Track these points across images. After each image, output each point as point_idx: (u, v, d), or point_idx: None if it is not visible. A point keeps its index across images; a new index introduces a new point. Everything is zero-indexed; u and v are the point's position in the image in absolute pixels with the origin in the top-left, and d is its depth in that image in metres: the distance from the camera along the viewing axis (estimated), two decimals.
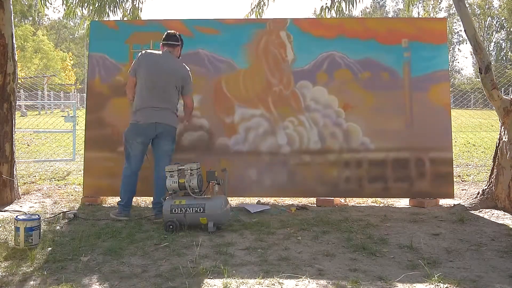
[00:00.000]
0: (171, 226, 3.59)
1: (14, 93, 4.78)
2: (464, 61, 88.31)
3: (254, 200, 4.81)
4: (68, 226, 3.84)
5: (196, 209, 3.62)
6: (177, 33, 4.29)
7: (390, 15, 57.47)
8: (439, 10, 51.69)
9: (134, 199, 4.76)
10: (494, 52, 49.30)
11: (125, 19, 6.15)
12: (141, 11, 6.30)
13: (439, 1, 50.85)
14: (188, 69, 4.27)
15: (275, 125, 4.78)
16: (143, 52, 4.20)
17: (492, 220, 4.00)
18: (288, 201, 4.85)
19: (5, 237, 3.45)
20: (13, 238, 3.28)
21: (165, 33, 4.26)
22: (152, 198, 4.20)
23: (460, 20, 4.65)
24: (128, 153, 4.12)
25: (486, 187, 4.51)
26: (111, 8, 5.97)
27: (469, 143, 10.28)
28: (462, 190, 5.41)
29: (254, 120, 4.78)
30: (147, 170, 4.74)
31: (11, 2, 4.76)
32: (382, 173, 4.69)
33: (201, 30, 4.91)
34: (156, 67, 4.09)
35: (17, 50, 5.01)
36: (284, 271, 2.77)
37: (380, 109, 4.73)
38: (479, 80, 4.60)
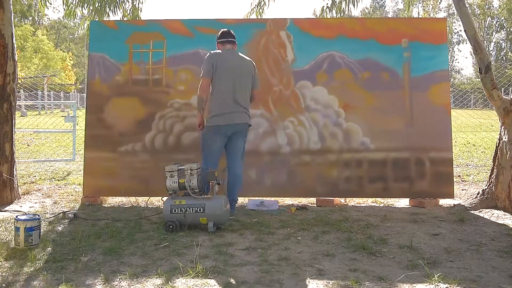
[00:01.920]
0: (171, 226, 3.59)
1: (14, 93, 4.78)
2: (464, 61, 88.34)
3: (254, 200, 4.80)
4: (68, 226, 3.84)
5: (196, 209, 3.62)
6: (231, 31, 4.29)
7: (389, 15, 57.46)
8: (439, 10, 51.70)
9: (134, 199, 4.78)
10: (494, 52, 49.29)
11: (125, 19, 6.16)
12: (141, 11, 6.31)
13: (439, 1, 50.85)
14: (254, 63, 4.28)
15: (275, 125, 4.78)
16: (212, 54, 4.10)
17: (492, 220, 4.00)
18: (288, 201, 4.85)
19: (5, 237, 3.46)
20: (13, 238, 3.28)
21: (220, 31, 4.25)
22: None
23: (460, 20, 4.65)
24: (207, 153, 4.14)
25: (486, 187, 4.51)
26: (111, 8, 5.97)
27: (469, 143, 10.28)
28: (462, 190, 5.41)
29: (254, 120, 4.78)
30: (146, 171, 4.75)
31: (11, 2, 4.76)
32: (382, 173, 4.69)
33: (201, 30, 4.91)
34: (233, 68, 4.08)
35: (17, 50, 5.01)
36: (284, 271, 2.77)
37: (380, 109, 4.73)
38: (479, 80, 4.60)
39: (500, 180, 4.34)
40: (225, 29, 4.28)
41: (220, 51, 4.20)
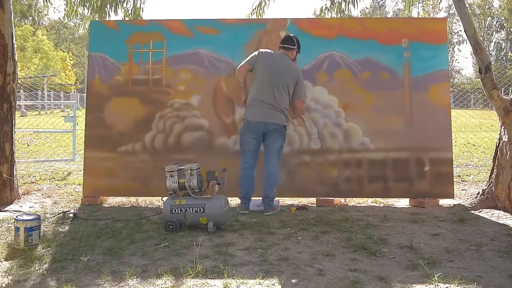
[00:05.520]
0: (171, 226, 3.59)
1: (14, 93, 4.78)
2: (464, 61, 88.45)
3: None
4: (68, 226, 3.84)
5: (196, 209, 3.62)
6: (295, 36, 4.44)
7: (389, 15, 57.46)
8: (439, 10, 51.70)
9: (134, 199, 4.78)
10: (494, 52, 49.30)
11: (127, 19, 6.15)
12: (142, 11, 6.30)
13: (439, 1, 50.84)
14: (300, 71, 4.43)
15: None
16: (261, 50, 4.36)
17: (492, 220, 4.00)
18: (288, 201, 4.85)
19: (5, 237, 3.46)
20: (13, 238, 3.28)
21: (284, 35, 4.47)
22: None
23: (460, 20, 4.65)
24: (243, 149, 4.36)
25: (486, 187, 4.51)
26: (113, 8, 5.95)
27: (469, 143, 10.28)
28: (462, 190, 5.41)
29: None
30: (146, 171, 4.75)
31: (11, 2, 4.76)
32: (382, 173, 4.69)
33: (201, 30, 4.91)
34: (272, 65, 4.29)
35: (17, 50, 5.00)
36: (284, 271, 2.78)
37: (380, 109, 4.73)
38: (479, 80, 4.60)
39: (500, 180, 4.34)
40: (287, 35, 4.48)
41: (268, 50, 4.42)
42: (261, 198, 4.62)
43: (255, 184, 4.36)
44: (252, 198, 4.38)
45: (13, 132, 4.79)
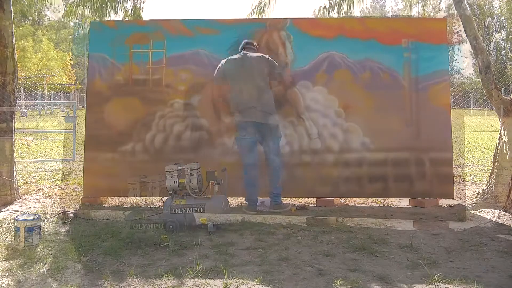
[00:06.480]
0: (171, 226, 3.59)
1: (14, 93, 4.78)
2: (464, 61, 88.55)
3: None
4: (68, 226, 3.84)
5: (196, 209, 3.62)
6: (251, 42, 4.54)
7: (389, 16, 57.40)
8: (439, 10, 51.68)
9: (134, 199, 4.77)
10: (494, 52, 49.25)
11: (127, 19, 6.15)
12: (142, 11, 6.30)
13: (439, 1, 50.80)
14: (268, 57, 4.46)
15: None
16: (224, 61, 4.45)
17: (492, 220, 4.00)
18: (288, 201, 4.84)
19: (5, 237, 3.46)
20: (13, 238, 3.28)
21: (243, 43, 4.52)
22: None
23: (460, 20, 4.65)
24: (241, 150, 4.49)
25: (486, 187, 4.51)
26: (113, 8, 5.95)
27: (469, 143, 10.27)
28: (462, 190, 5.40)
29: None
30: (146, 171, 4.74)
31: (11, 2, 4.76)
32: (382, 173, 4.68)
33: (201, 30, 4.91)
34: (242, 69, 4.40)
35: (17, 50, 5.00)
36: (284, 271, 2.77)
37: (380, 109, 4.72)
38: (479, 80, 4.60)
39: (500, 180, 4.34)
40: (245, 42, 4.52)
41: (231, 56, 4.48)
42: (259, 198, 4.64)
43: (258, 185, 4.36)
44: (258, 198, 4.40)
45: (13, 132, 4.79)
